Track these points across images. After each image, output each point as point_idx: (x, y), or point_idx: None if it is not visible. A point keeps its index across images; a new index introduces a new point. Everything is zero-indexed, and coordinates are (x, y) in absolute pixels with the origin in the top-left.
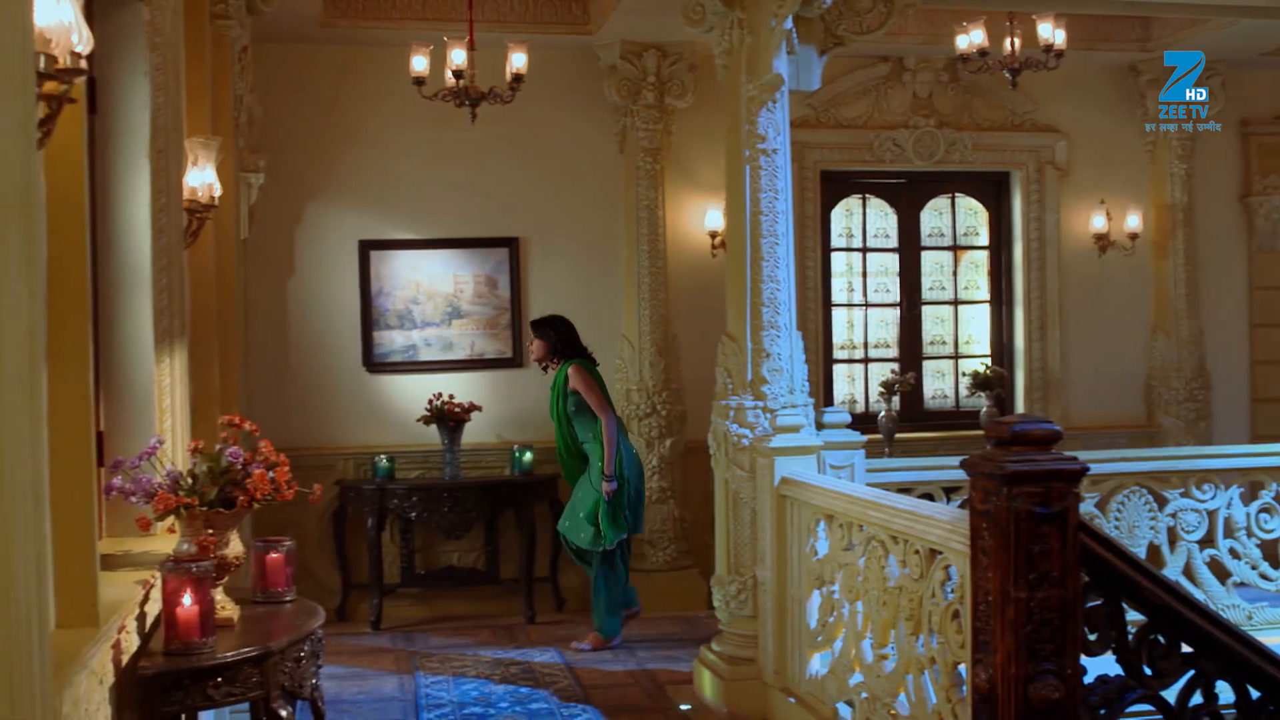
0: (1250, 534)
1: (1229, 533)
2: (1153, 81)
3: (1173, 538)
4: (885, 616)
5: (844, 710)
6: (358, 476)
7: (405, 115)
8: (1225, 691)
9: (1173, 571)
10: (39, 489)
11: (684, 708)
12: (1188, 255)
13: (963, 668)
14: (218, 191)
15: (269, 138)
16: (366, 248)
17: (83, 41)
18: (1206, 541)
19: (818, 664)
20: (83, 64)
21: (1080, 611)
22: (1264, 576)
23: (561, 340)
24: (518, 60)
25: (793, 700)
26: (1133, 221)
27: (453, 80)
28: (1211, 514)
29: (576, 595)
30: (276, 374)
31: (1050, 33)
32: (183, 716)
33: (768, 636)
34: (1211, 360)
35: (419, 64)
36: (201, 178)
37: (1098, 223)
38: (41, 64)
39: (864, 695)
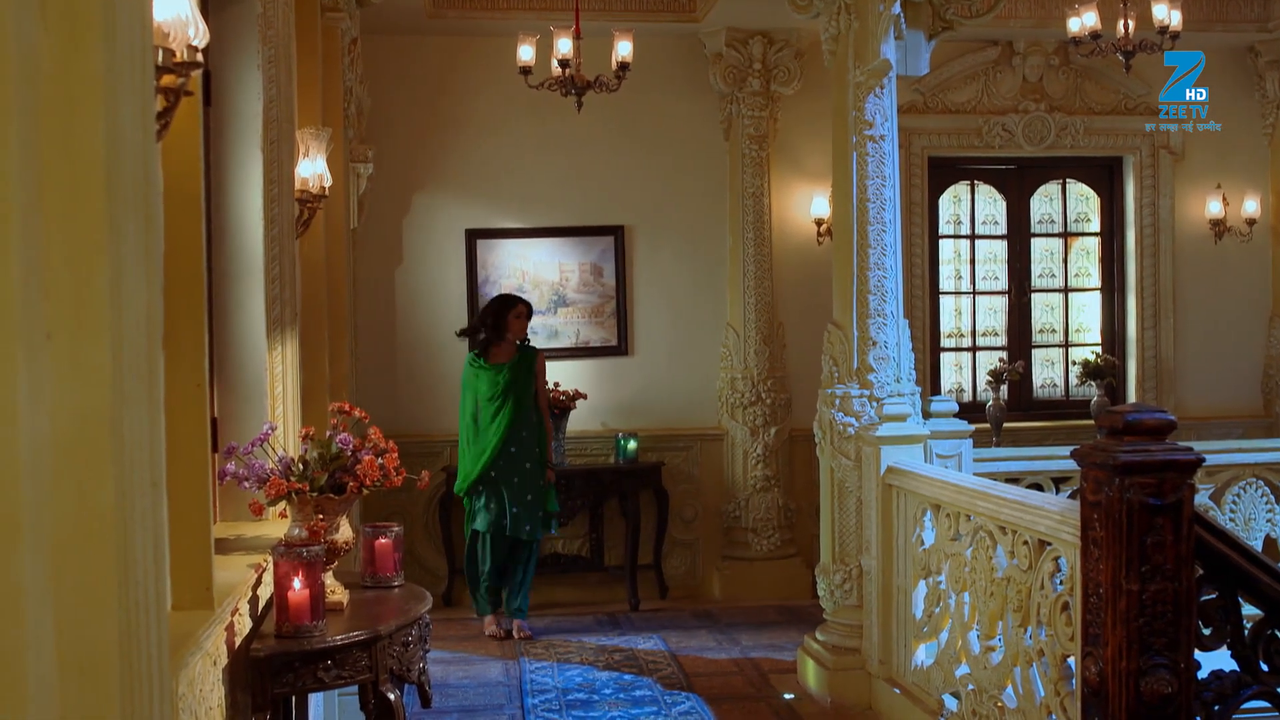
0: None
1: None
2: (1272, 63)
3: None
4: (993, 608)
5: (950, 702)
6: None
7: (511, 105)
8: None
9: None
10: (157, 475)
11: (788, 697)
12: None
13: (1071, 661)
14: (328, 182)
15: (377, 129)
16: (473, 237)
17: (199, 35)
18: None
19: (923, 655)
20: (199, 57)
21: (1194, 605)
22: None
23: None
24: (623, 49)
25: (898, 691)
26: (1250, 207)
27: (558, 69)
28: None
29: (680, 583)
30: (384, 362)
31: (1165, 14)
32: (293, 698)
33: (873, 626)
34: None
35: (525, 53)
36: (312, 168)
37: (1214, 208)
38: (159, 57)
39: (970, 687)
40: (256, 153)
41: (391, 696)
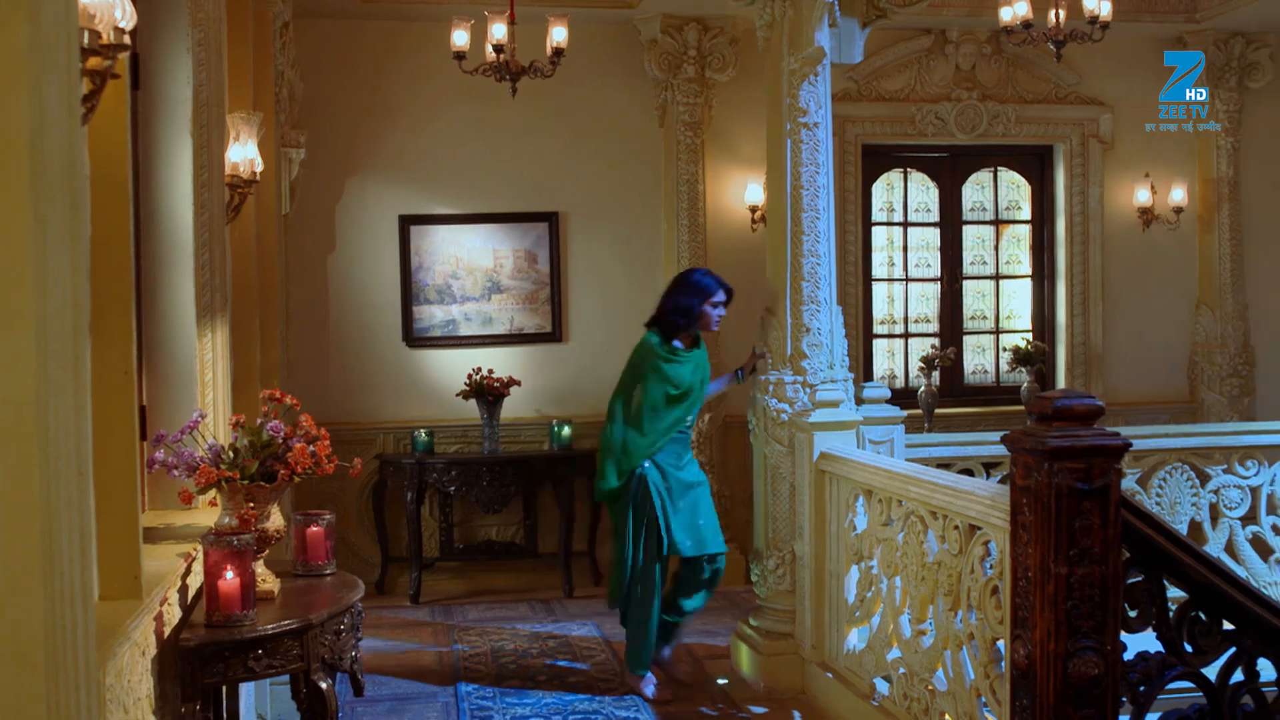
0: None
1: (1272, 509)
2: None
3: (1215, 514)
4: (924, 592)
5: (881, 685)
6: (397, 451)
7: (446, 90)
8: (1267, 669)
9: (1215, 548)
10: (83, 463)
11: (721, 682)
12: (1233, 229)
13: (1001, 644)
14: (259, 167)
15: (310, 114)
16: (406, 223)
17: (126, 17)
18: (1249, 518)
19: (855, 639)
20: (126, 40)
21: (1121, 588)
22: None
23: None
24: (558, 34)
25: (830, 675)
26: (1177, 195)
27: (493, 55)
28: (1255, 490)
29: None
30: (317, 349)
31: (1096, 4)
32: (223, 688)
33: (805, 611)
34: (1256, 336)
35: (459, 39)
36: (243, 153)
37: (1142, 196)
38: (85, 39)
39: (901, 671)
40: (186, 137)
41: (323, 685)
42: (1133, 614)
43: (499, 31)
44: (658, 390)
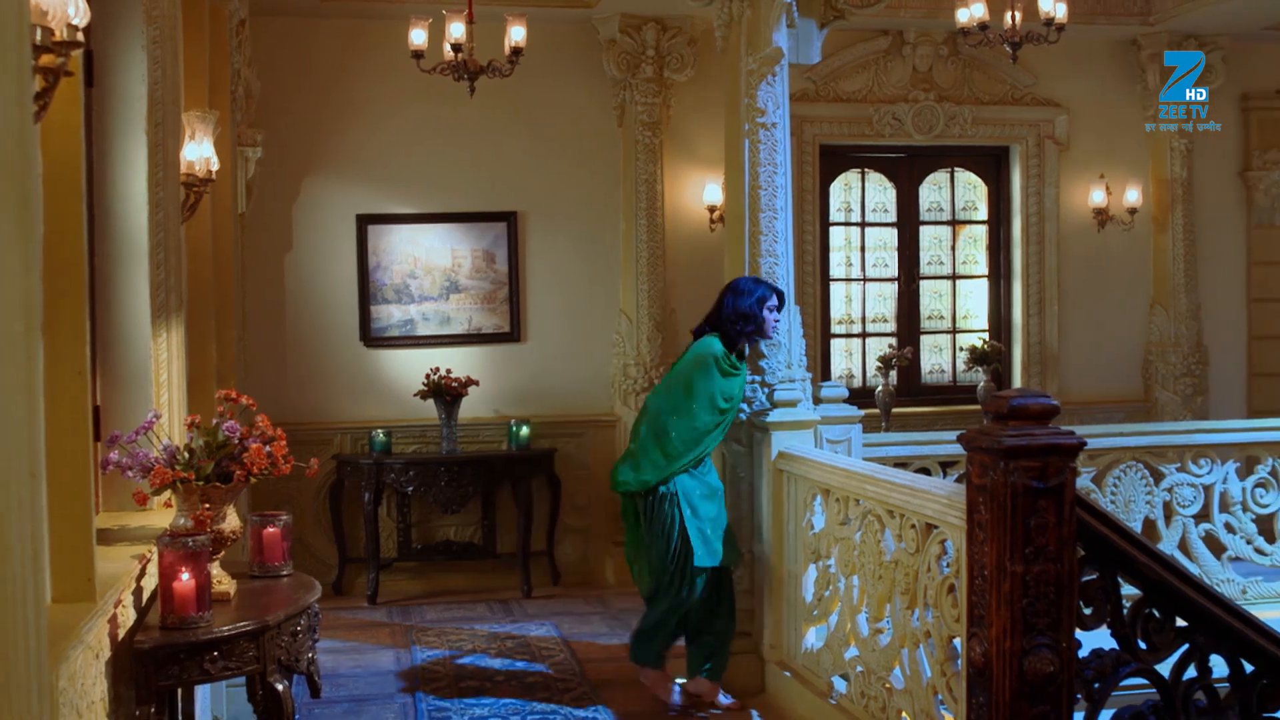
0: (1246, 509)
1: (1225, 507)
2: (1153, 56)
3: (1169, 512)
4: (881, 590)
5: (839, 684)
6: (354, 451)
7: (403, 89)
8: (1219, 665)
9: (1168, 546)
10: (35, 464)
11: (680, 682)
12: (1186, 230)
13: (958, 642)
14: (215, 166)
15: (266, 112)
16: (364, 222)
17: (79, 14)
18: (1202, 516)
19: (813, 638)
20: (79, 37)
21: (1076, 586)
22: (1259, 551)
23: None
24: (516, 34)
25: (788, 674)
26: (1132, 196)
27: (451, 54)
28: (1207, 489)
29: (573, 570)
30: (273, 349)
31: (1051, 6)
32: (179, 690)
33: (764, 611)
34: (1209, 335)
35: (417, 37)
36: (199, 152)
37: (1097, 197)
38: (38, 36)
39: (859, 669)
40: (141, 135)
41: (280, 687)
42: (1087, 611)
43: (457, 30)
44: (711, 400)
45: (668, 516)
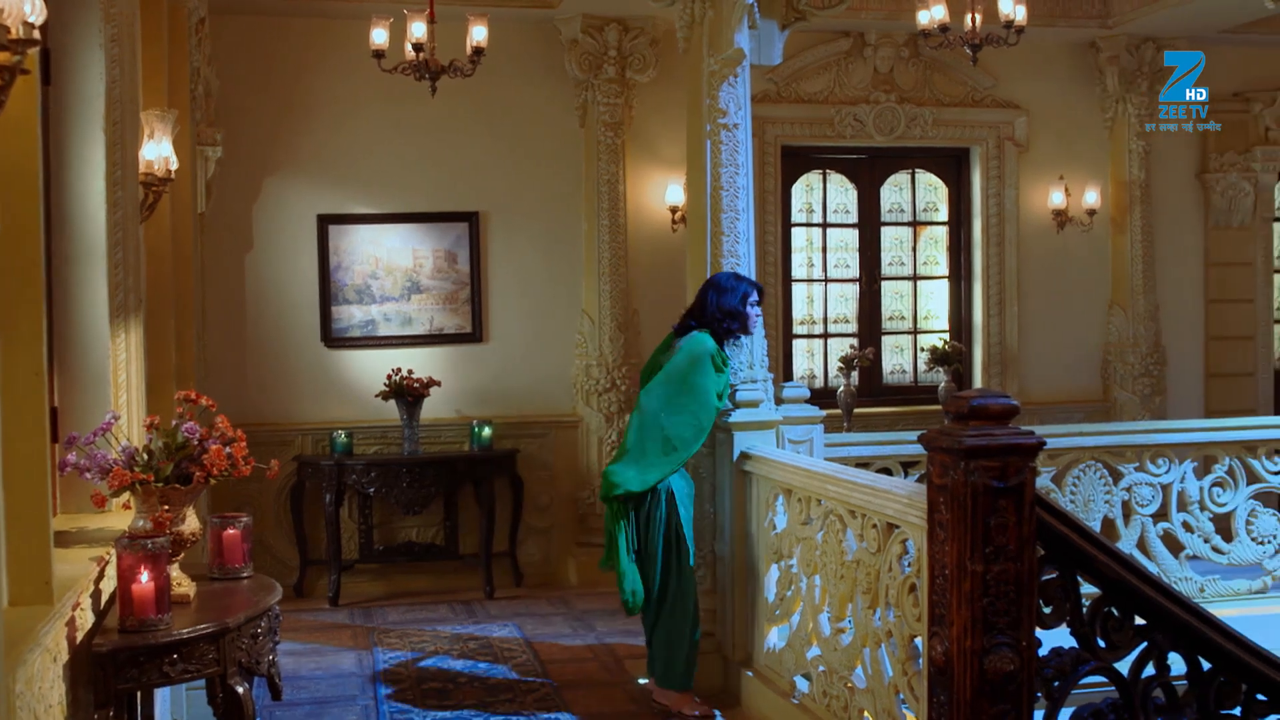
0: (1203, 508)
1: (1182, 506)
2: (1112, 58)
3: (1127, 511)
4: (843, 590)
5: (802, 683)
6: (316, 452)
7: (365, 89)
8: (1177, 663)
9: (1127, 545)
10: None
11: (642, 682)
12: (1145, 231)
13: (919, 641)
14: (174, 165)
15: (226, 111)
16: (325, 222)
17: (36, 11)
18: (1160, 515)
19: (775, 638)
20: (36, 34)
21: (1035, 585)
22: (1216, 550)
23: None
24: (478, 33)
25: (751, 674)
26: (1091, 198)
27: (412, 53)
28: (1165, 488)
29: (536, 570)
30: (234, 350)
31: (1011, 8)
32: (138, 693)
33: (727, 611)
34: (1167, 336)
35: (378, 37)
36: (157, 151)
37: (1056, 199)
38: None
39: (821, 669)
40: (99, 134)
41: (240, 690)
42: (1047, 610)
43: (418, 30)
44: (709, 397)
45: (667, 517)
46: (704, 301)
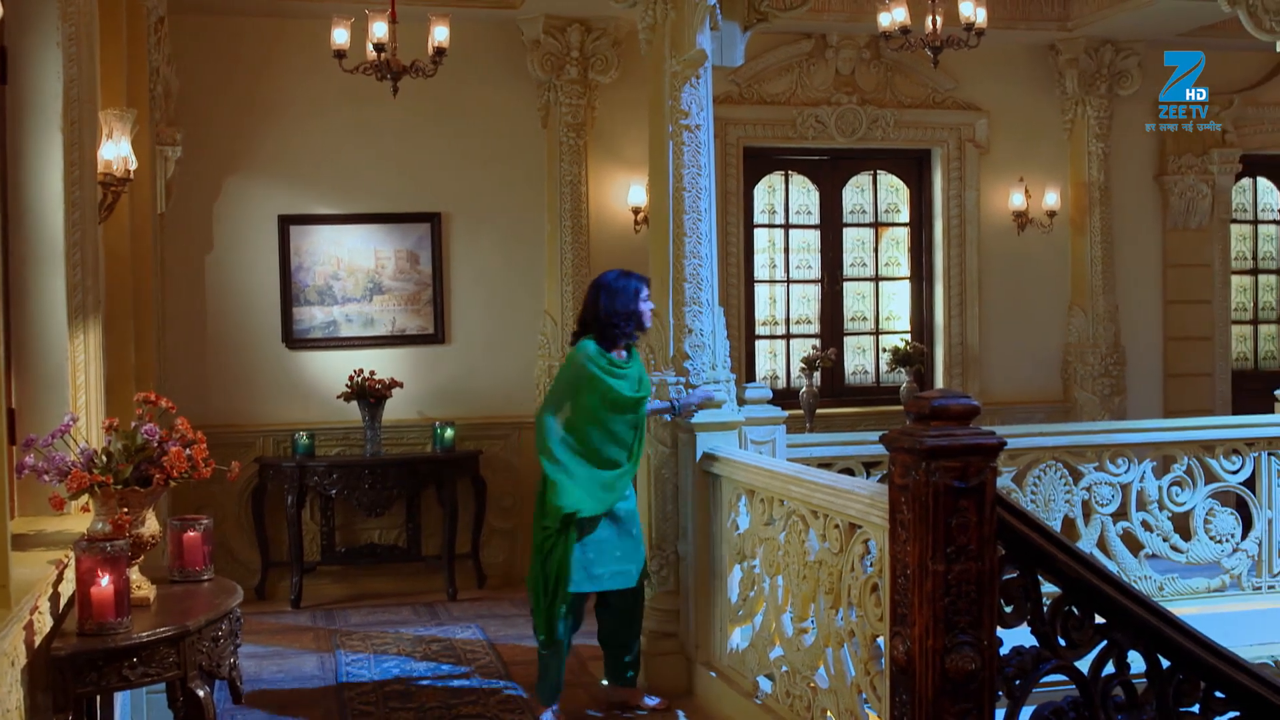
0: (1162, 507)
1: (1142, 506)
2: (1071, 61)
3: (1087, 511)
4: (805, 590)
5: (764, 684)
6: (277, 454)
7: (326, 89)
8: (1137, 661)
9: (1087, 544)
10: None
11: (605, 683)
12: (1104, 233)
13: (881, 641)
14: (133, 165)
15: (186, 111)
16: (286, 223)
17: None
18: (1120, 515)
19: (738, 638)
20: None
21: (997, 584)
22: (1175, 549)
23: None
24: (440, 34)
25: (714, 674)
26: (1051, 199)
27: (374, 54)
28: (1125, 488)
29: (499, 572)
30: (194, 351)
31: (971, 11)
32: (97, 698)
33: (689, 611)
34: (1126, 336)
35: (340, 37)
36: (116, 151)
37: (1017, 200)
38: None
39: (784, 669)
40: (56, 134)
41: (201, 693)
42: (1008, 609)
43: (380, 30)
44: (601, 411)
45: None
46: (594, 305)
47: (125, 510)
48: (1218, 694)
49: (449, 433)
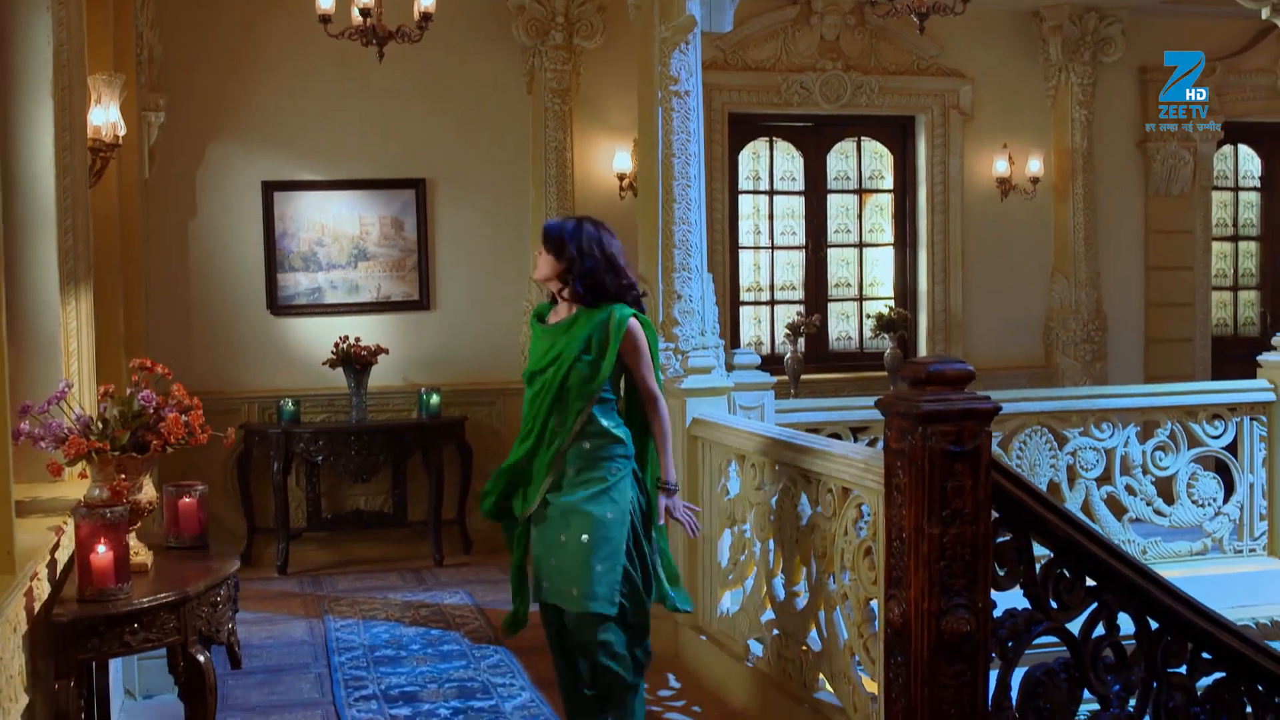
0: (1146, 471)
1: (1125, 470)
2: (1055, 28)
3: (1072, 476)
4: (797, 555)
5: (755, 647)
6: (263, 420)
7: (311, 54)
8: (1126, 623)
9: (1072, 508)
10: None
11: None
12: (1087, 199)
13: (875, 604)
14: (122, 130)
15: (170, 76)
16: (270, 189)
17: None
18: (1104, 479)
19: (728, 602)
20: None
21: (991, 547)
22: (1158, 512)
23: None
24: None
25: (704, 638)
26: (1034, 166)
27: (360, 18)
28: (1109, 452)
29: (485, 537)
30: (178, 317)
31: None
32: (94, 664)
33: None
34: (1108, 302)
35: (325, 1)
36: (105, 116)
37: (1000, 167)
38: None
39: (775, 632)
40: (47, 99)
41: (201, 658)
42: (1001, 572)
43: None
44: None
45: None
46: (602, 263)
47: (123, 476)
48: (1205, 655)
49: (434, 399)
